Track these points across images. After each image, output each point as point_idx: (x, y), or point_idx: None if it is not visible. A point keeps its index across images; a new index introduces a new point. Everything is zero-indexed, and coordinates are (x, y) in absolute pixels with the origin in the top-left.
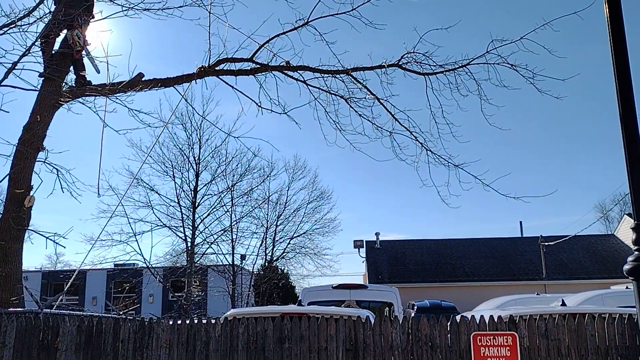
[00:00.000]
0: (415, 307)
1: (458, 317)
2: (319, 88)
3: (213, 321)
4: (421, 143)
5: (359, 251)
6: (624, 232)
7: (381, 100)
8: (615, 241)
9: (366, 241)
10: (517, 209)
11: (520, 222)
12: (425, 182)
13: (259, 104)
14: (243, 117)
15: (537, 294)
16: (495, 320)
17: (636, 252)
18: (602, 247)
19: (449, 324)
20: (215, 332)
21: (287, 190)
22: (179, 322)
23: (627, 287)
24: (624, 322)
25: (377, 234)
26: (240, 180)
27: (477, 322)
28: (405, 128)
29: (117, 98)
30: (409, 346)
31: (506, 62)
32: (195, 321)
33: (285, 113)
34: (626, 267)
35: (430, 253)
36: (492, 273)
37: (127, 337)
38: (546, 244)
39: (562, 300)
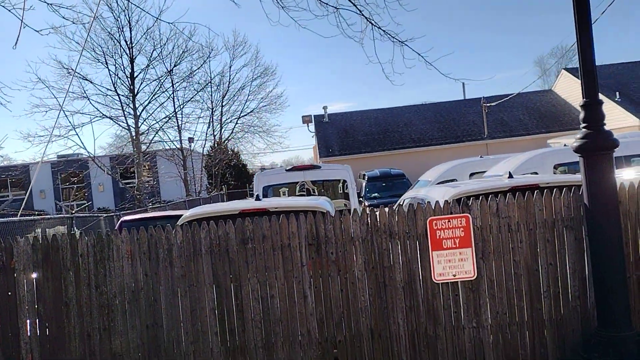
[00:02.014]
0: (366, 177)
1: (415, 204)
2: None
3: (174, 228)
4: (367, 18)
5: (307, 126)
6: (561, 87)
7: None
8: (553, 96)
9: (314, 115)
10: (462, 70)
11: (463, 84)
12: (371, 59)
13: None
14: None
15: (481, 157)
16: (450, 204)
17: (584, 130)
18: (540, 103)
19: (406, 211)
20: (177, 239)
21: (230, 69)
22: (138, 232)
23: (565, 145)
24: (569, 195)
25: (324, 108)
26: (179, 63)
27: (433, 207)
28: (351, 2)
29: None
30: (368, 236)
31: None
32: (155, 230)
33: None
34: (574, 144)
35: (377, 123)
36: (437, 137)
37: (85, 251)
38: (488, 104)
39: (510, 173)
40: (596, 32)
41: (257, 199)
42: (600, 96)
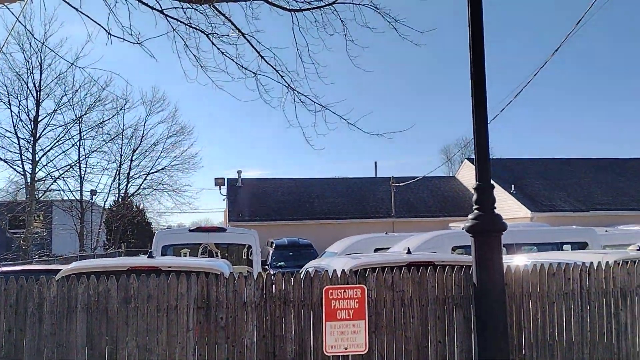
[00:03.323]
0: (274, 245)
1: (312, 271)
2: (177, 19)
3: (48, 281)
4: (287, 83)
5: (220, 189)
6: (464, 175)
7: (246, 36)
8: (456, 183)
9: (228, 179)
10: (373, 150)
11: (375, 163)
12: (292, 123)
13: (109, 31)
14: (94, 42)
15: (386, 233)
16: (347, 273)
17: (476, 211)
18: (444, 188)
19: (302, 279)
20: (50, 293)
21: (144, 124)
22: (7, 283)
23: (463, 229)
24: (460, 274)
25: (239, 172)
26: (90, 111)
27: (330, 275)
28: (272, 67)
29: None
30: (262, 302)
31: (372, 3)
32: (26, 281)
33: (139, 43)
34: (466, 224)
35: (290, 192)
36: (347, 211)
37: None
38: (396, 184)
39: (408, 249)
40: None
41: (150, 256)
42: (497, 187)
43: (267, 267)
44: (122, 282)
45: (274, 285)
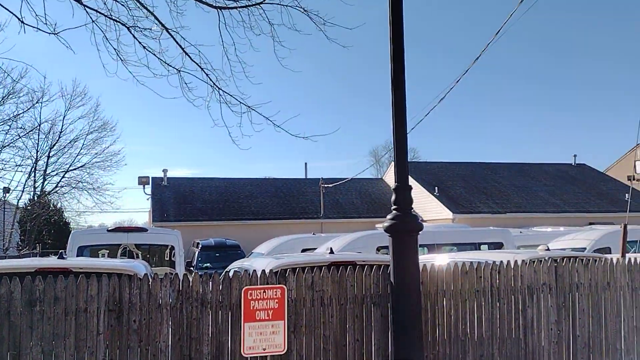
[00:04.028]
0: (200, 246)
1: (231, 272)
2: (96, 10)
3: None
4: (213, 82)
5: (144, 188)
6: (391, 177)
7: (170, 31)
8: (384, 184)
9: (152, 177)
10: (305, 151)
11: (305, 164)
12: (217, 122)
13: (22, 19)
14: (5, 31)
15: (313, 234)
16: (267, 273)
17: (394, 211)
18: (372, 189)
19: (221, 279)
20: None
21: (63, 119)
22: None
23: (382, 227)
24: (378, 273)
25: (164, 171)
26: (2, 104)
27: (250, 276)
28: (196, 64)
29: None
30: (178, 303)
31: (299, 5)
32: None
33: (55, 34)
34: (385, 224)
35: (219, 192)
36: (276, 212)
37: None
38: (326, 185)
39: (331, 249)
40: (422, 132)
41: (61, 256)
42: (422, 190)
43: (192, 268)
44: (26, 284)
45: (191, 286)
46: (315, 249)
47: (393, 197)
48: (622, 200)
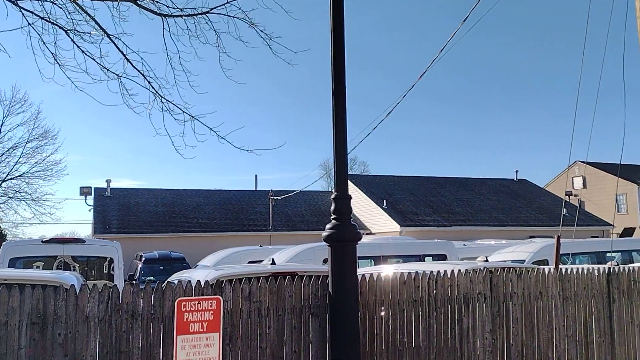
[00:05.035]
0: (143, 259)
1: (165, 283)
2: (32, 12)
3: None
4: (155, 89)
5: (85, 198)
6: None
7: (111, 37)
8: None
9: (95, 188)
10: (255, 164)
11: (256, 176)
12: (159, 131)
13: None
14: None
15: (260, 246)
16: (202, 284)
17: (333, 221)
18: (322, 202)
19: (153, 291)
20: None
21: (1, 126)
22: None
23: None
24: (317, 283)
25: (108, 181)
26: None
27: (184, 287)
28: (138, 71)
29: None
30: (107, 316)
31: (247, 17)
32: None
33: None
34: (324, 233)
35: (165, 203)
36: (224, 224)
37: None
38: (275, 197)
39: (272, 259)
40: (373, 145)
41: None
42: (371, 202)
43: (135, 281)
44: None
45: (121, 298)
46: (261, 261)
47: (332, 207)
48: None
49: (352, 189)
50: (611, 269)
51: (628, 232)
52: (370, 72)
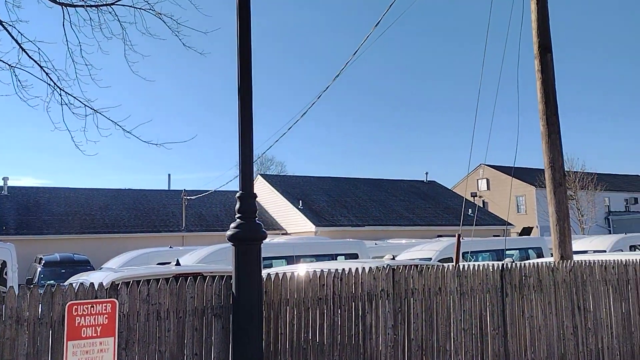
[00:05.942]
0: (43, 261)
1: (54, 287)
2: None
3: None
4: (54, 81)
5: None
6: (257, 190)
7: (4, 24)
8: None
9: None
10: (168, 164)
11: (169, 175)
12: (58, 126)
13: None
14: None
15: (170, 247)
16: (96, 287)
17: (238, 220)
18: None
19: (41, 294)
20: None
21: None
22: None
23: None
24: (221, 283)
25: (5, 179)
26: None
27: (76, 290)
28: (35, 61)
29: None
30: None
31: (152, 9)
32: None
33: None
34: (228, 233)
35: (68, 203)
36: (133, 225)
37: None
38: (188, 197)
39: (177, 260)
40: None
41: None
42: (287, 203)
43: (32, 285)
44: None
45: (4, 302)
46: (171, 262)
47: (237, 206)
48: (466, 214)
49: (269, 189)
50: (505, 265)
51: (526, 231)
52: (293, 73)
